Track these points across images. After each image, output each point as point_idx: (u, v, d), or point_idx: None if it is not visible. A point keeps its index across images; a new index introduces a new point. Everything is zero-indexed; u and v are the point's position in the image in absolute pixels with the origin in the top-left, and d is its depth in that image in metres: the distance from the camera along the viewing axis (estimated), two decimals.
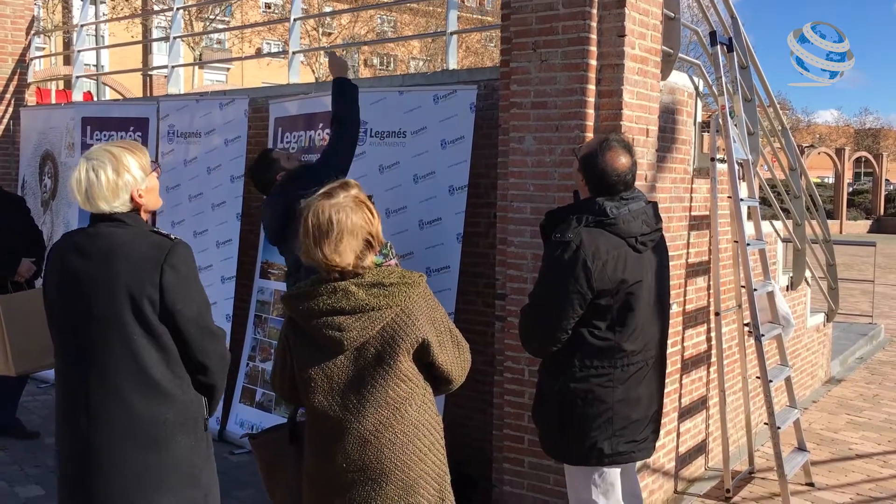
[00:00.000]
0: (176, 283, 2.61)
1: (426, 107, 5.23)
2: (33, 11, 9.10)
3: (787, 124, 7.20)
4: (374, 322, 2.52)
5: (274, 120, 6.19)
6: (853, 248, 17.24)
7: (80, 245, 2.67)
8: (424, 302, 2.62)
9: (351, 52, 39.18)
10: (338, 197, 2.56)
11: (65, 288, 2.67)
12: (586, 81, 4.31)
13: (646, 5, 4.48)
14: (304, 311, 2.56)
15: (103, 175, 2.61)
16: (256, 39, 42.49)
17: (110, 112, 7.36)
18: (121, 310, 2.57)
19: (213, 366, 2.75)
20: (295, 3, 6.78)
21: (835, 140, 58.70)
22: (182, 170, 6.57)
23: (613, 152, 3.35)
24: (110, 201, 2.63)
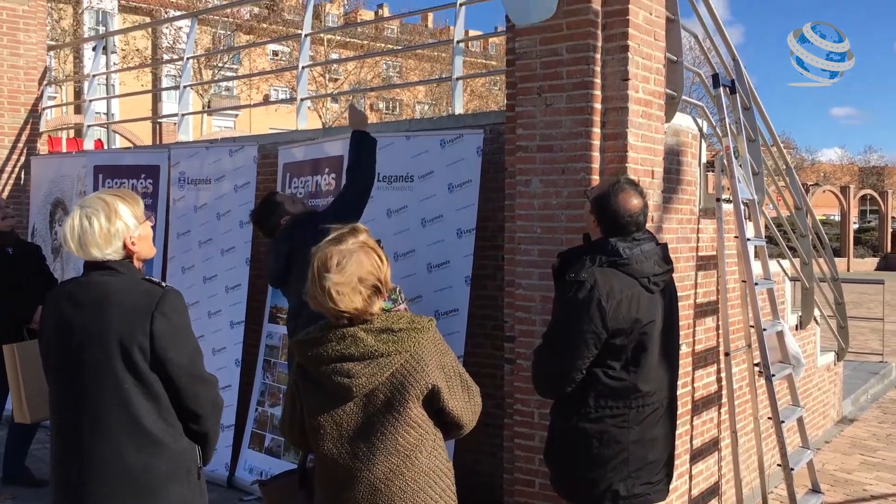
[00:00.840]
0: (167, 330, 2.63)
1: (433, 151, 5.29)
2: (45, 62, 9.27)
3: (791, 163, 7.23)
4: (383, 368, 2.52)
5: (283, 165, 6.27)
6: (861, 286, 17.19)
7: (73, 294, 2.71)
8: (434, 347, 2.62)
9: (357, 97, 39.66)
10: (346, 242, 2.58)
11: (58, 337, 2.70)
12: (591, 125, 4.36)
13: (648, 49, 4.55)
14: (313, 357, 2.56)
15: (96, 222, 2.65)
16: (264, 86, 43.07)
17: (122, 160, 7.47)
18: (112, 358, 2.59)
19: (206, 413, 2.75)
20: (303, 51, 6.90)
21: (839, 178, 58.78)
22: (192, 216, 6.64)
23: (625, 194, 3.38)
24: (103, 248, 2.67)
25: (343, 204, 4.46)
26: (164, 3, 35.32)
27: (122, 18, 38.27)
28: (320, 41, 34.77)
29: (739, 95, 5.93)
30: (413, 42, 42.49)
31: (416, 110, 43.78)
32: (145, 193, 6.98)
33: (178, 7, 33.45)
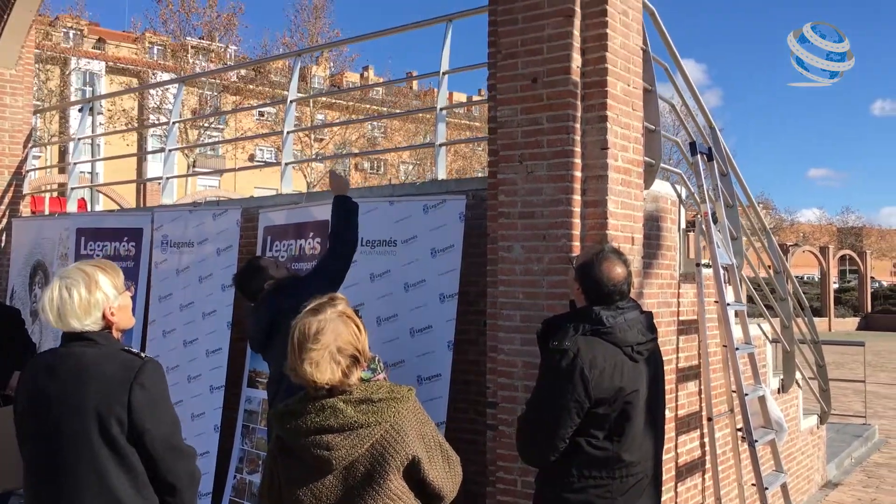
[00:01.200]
0: (145, 402, 2.61)
1: (416, 216, 5.34)
2: (31, 125, 9.32)
3: (770, 224, 7.35)
4: (363, 440, 2.50)
5: (263, 229, 6.29)
6: (843, 347, 17.27)
7: (51, 366, 2.70)
8: (414, 417, 2.60)
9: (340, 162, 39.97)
10: (324, 312, 2.58)
11: (35, 409, 2.68)
12: (572, 192, 4.43)
13: (627, 119, 4.65)
14: (292, 429, 2.54)
15: (76, 293, 2.66)
16: (250, 145, 43.37)
17: (105, 223, 7.47)
18: (89, 431, 2.57)
19: (183, 486, 2.72)
20: (288, 116, 6.99)
21: (818, 239, 59.49)
22: (174, 279, 6.62)
23: (609, 262, 3.41)
24: (82, 319, 2.67)
25: (326, 269, 4.47)
26: (152, 65, 35.71)
27: (110, 79, 38.65)
28: (306, 102, 35.22)
29: (717, 162, 6.05)
30: (398, 103, 43.05)
31: (400, 170, 44.14)
32: (128, 256, 6.97)
33: (165, 69, 33.82)
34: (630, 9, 4.71)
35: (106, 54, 41.20)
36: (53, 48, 32.48)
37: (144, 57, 38.99)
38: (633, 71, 4.75)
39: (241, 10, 32.39)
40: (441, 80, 6.07)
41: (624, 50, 4.64)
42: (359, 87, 31.19)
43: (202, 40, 33.44)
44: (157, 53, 38.16)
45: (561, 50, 4.45)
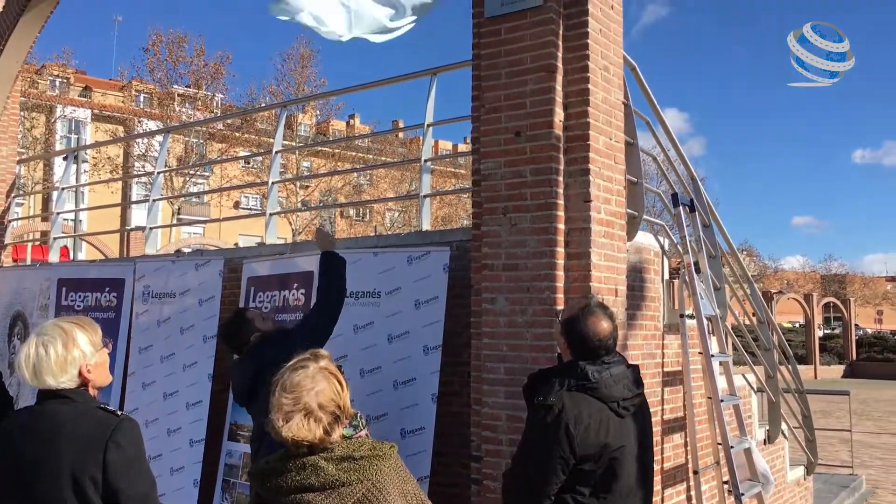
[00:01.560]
0: (120, 461, 2.56)
1: (400, 268, 5.33)
2: (14, 174, 9.30)
3: (754, 271, 7.40)
4: (344, 498, 2.46)
5: (247, 279, 6.26)
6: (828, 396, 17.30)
7: (25, 425, 2.65)
8: (396, 475, 2.57)
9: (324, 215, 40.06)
10: (307, 369, 2.56)
11: (8, 469, 2.62)
12: (555, 245, 4.45)
13: (609, 172, 4.69)
14: (273, 488, 2.50)
15: (52, 351, 2.63)
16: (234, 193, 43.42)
17: (86, 273, 7.41)
18: (62, 491, 2.51)
19: None
20: (273, 167, 7.01)
21: (802, 286, 59.93)
22: (155, 330, 6.56)
23: (595, 317, 3.41)
24: (57, 377, 2.63)
25: (313, 323, 4.45)
26: (138, 112, 35.88)
27: (95, 127, 38.73)
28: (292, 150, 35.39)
29: (699, 213, 6.10)
30: (384, 150, 43.33)
31: (385, 217, 44.27)
32: (109, 307, 6.90)
33: (151, 116, 34.00)
34: (611, 64, 4.79)
35: (92, 102, 41.37)
36: (39, 96, 32.60)
37: (131, 105, 39.19)
38: (615, 125, 4.81)
39: (229, 59, 32.75)
40: (426, 132, 6.12)
41: (605, 104, 4.70)
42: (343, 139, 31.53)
43: (189, 88, 33.67)
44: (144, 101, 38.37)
45: (543, 105, 4.50)
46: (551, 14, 4.52)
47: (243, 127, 34.23)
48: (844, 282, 65.14)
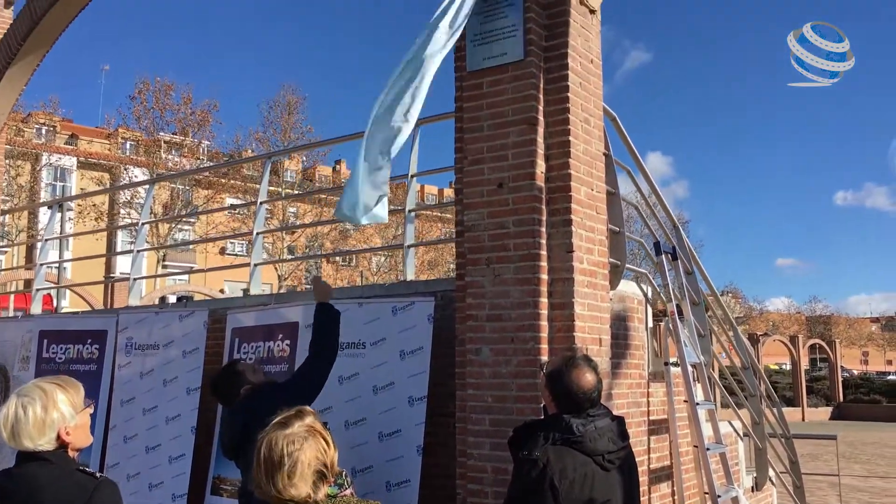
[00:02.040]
0: None
1: (385, 318, 5.33)
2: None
3: (740, 313, 7.45)
4: None
5: (231, 330, 6.22)
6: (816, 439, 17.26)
7: (5, 489, 2.62)
8: None
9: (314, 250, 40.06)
10: (292, 427, 2.55)
11: None
12: (539, 295, 4.46)
13: (591, 222, 4.74)
14: None
15: (31, 412, 2.61)
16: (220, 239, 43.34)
17: (68, 325, 7.34)
18: None
19: None
20: (258, 218, 7.03)
21: (788, 328, 60.17)
22: (137, 382, 6.49)
23: (579, 370, 3.41)
24: (35, 439, 2.60)
25: (304, 376, 4.40)
26: (124, 160, 35.95)
27: (81, 174, 38.73)
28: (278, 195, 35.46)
29: (681, 260, 6.16)
30: None
31: (372, 261, 44.24)
32: (91, 359, 6.84)
33: (137, 164, 34.05)
34: (591, 116, 4.87)
35: (78, 149, 41.42)
36: (25, 144, 32.59)
37: (117, 152, 39.25)
38: (596, 175, 4.87)
39: (216, 106, 32.91)
40: (410, 183, 6.17)
41: (587, 156, 4.77)
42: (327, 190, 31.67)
43: (175, 135, 33.79)
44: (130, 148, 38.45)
45: (525, 156, 4.56)
46: (532, 68, 4.60)
47: (230, 173, 34.31)
48: (829, 323, 65.46)
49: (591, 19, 4.99)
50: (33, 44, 8.47)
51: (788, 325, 63.72)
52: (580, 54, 4.80)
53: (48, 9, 7.98)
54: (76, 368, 6.85)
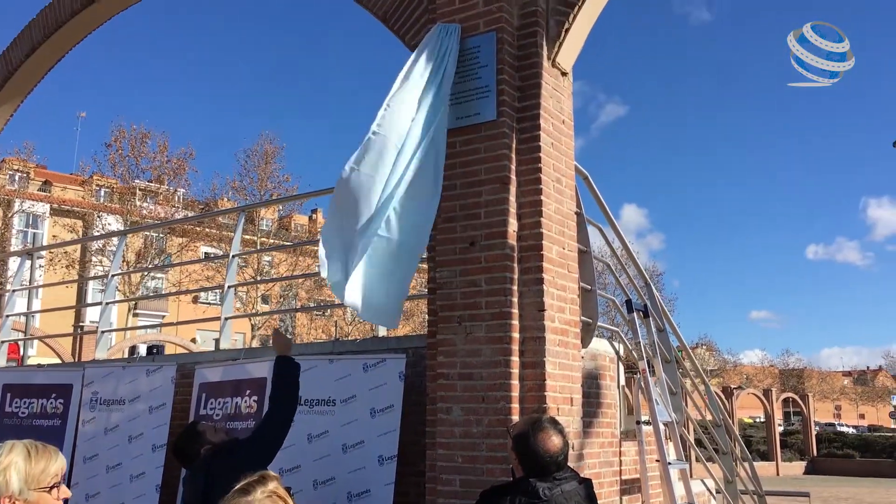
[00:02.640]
0: None
1: (356, 375, 5.28)
2: None
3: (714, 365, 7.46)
4: None
5: (198, 385, 6.13)
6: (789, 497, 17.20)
7: None
8: None
9: (288, 299, 39.76)
10: (254, 493, 2.50)
11: None
12: (510, 353, 4.45)
13: (563, 281, 4.75)
14: None
15: None
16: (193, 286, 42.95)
17: (33, 378, 7.18)
18: None
19: None
20: (230, 271, 6.97)
21: (761, 381, 60.35)
22: (102, 439, 6.34)
23: (545, 433, 3.39)
24: None
25: (264, 435, 4.35)
26: (98, 207, 35.67)
27: (53, 221, 38.36)
28: (253, 243, 35.30)
29: (653, 318, 6.18)
30: None
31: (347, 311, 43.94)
32: (55, 414, 6.68)
33: (111, 211, 33.78)
34: (563, 176, 4.92)
35: (51, 196, 41.11)
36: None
37: (91, 199, 38.97)
38: (568, 234, 4.91)
39: (192, 155, 32.83)
40: None
41: (558, 215, 4.80)
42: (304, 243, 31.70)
43: (151, 182, 33.63)
44: (104, 196, 38.21)
45: (498, 215, 4.59)
46: (505, 128, 4.66)
47: (204, 221, 34.13)
48: (802, 376, 65.80)
49: (563, 81, 5.08)
50: (8, 93, 8.46)
51: (762, 378, 63.97)
52: (552, 115, 4.87)
53: (24, 59, 7.99)
54: (39, 424, 6.70)
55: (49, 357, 28.66)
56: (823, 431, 47.95)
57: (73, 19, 7.67)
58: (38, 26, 7.94)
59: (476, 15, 4.83)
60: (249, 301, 34.10)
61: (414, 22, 5.36)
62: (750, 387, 47.95)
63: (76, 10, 7.57)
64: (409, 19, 5.39)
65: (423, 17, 5.28)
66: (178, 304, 43.27)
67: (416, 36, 5.33)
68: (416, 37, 5.31)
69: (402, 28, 5.42)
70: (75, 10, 7.58)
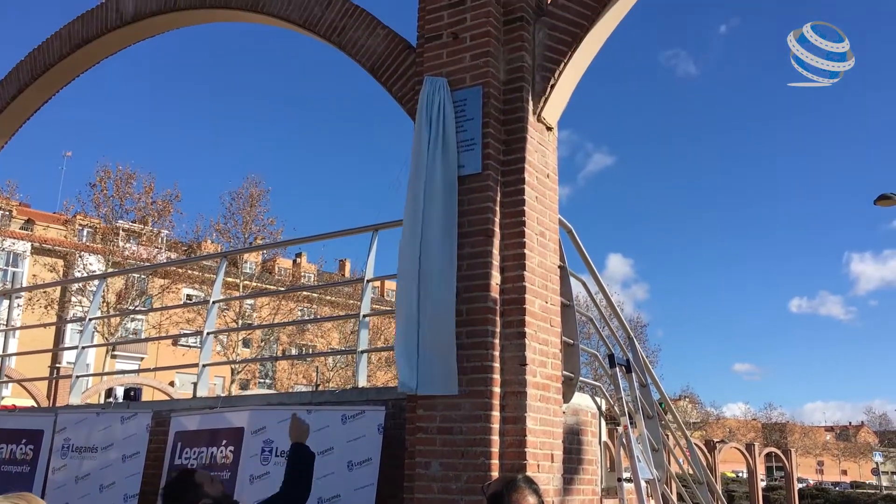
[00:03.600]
0: None
1: (334, 426, 5.19)
2: None
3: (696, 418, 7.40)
4: None
5: (174, 434, 6.00)
6: None
7: None
8: None
9: (270, 343, 39.38)
10: None
11: None
12: (491, 408, 4.40)
13: (545, 335, 4.72)
14: None
15: None
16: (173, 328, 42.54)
17: (3, 423, 7.00)
18: None
19: None
20: (209, 318, 6.88)
21: (744, 434, 60.13)
22: (72, 487, 6.18)
23: (520, 494, 3.32)
24: None
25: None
26: (80, 246, 35.37)
27: (34, 260, 38.04)
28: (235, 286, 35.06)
29: (635, 373, 6.14)
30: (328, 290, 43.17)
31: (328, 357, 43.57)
32: (24, 460, 6.52)
33: (93, 251, 33.52)
34: (547, 229, 4.92)
35: (33, 235, 40.82)
36: None
37: (73, 239, 38.70)
38: (551, 288, 4.89)
39: (178, 197, 32.70)
40: (365, 288, 6.13)
41: (541, 268, 4.79)
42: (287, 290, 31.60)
43: (134, 223, 33.46)
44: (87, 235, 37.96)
45: (480, 268, 4.58)
46: (489, 181, 4.67)
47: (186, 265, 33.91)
48: (785, 431, 65.63)
49: (547, 136, 5.11)
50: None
51: (745, 431, 63.75)
52: (537, 169, 4.89)
53: (10, 101, 7.98)
54: (7, 470, 6.53)
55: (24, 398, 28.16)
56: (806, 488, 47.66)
57: (62, 62, 7.69)
58: (25, 68, 7.95)
59: (463, 69, 4.87)
60: (230, 344, 33.74)
61: (401, 74, 5.40)
62: (733, 440, 47.70)
63: (65, 54, 7.59)
64: (397, 71, 5.43)
65: (410, 70, 5.33)
66: (157, 346, 42.76)
67: (402, 87, 5.37)
68: (403, 88, 5.36)
69: (390, 80, 5.46)
70: (64, 54, 7.60)
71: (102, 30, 7.38)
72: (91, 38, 7.47)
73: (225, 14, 6.73)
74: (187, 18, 7.10)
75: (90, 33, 7.47)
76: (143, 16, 7.07)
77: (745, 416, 70.41)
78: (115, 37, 7.44)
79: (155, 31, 7.37)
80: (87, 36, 7.49)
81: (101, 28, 7.40)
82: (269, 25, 6.53)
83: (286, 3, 6.10)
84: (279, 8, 6.14)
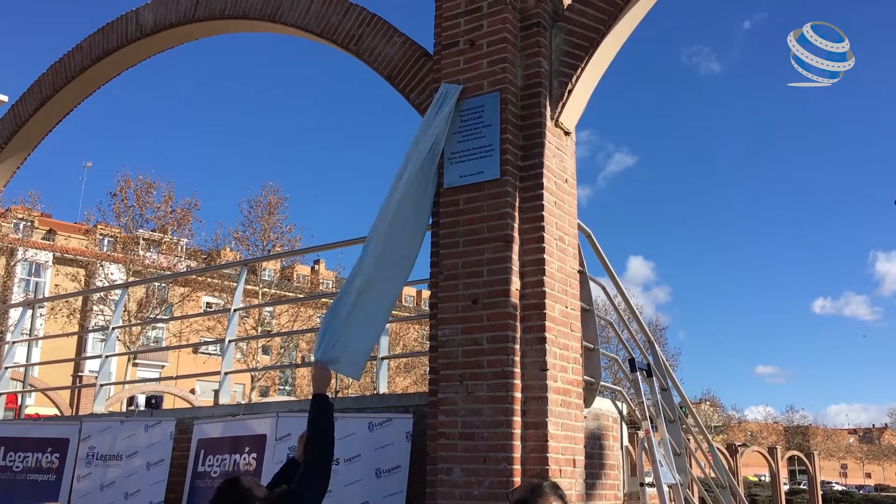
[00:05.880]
0: None
1: (360, 434, 5.20)
2: None
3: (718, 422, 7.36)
4: None
5: (196, 441, 6.04)
6: None
7: None
8: None
9: (289, 350, 39.55)
10: None
11: None
12: (512, 413, 4.40)
13: (566, 340, 4.72)
14: None
15: None
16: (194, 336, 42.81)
17: (29, 432, 7.09)
18: None
19: None
20: (230, 326, 6.94)
21: (766, 438, 59.61)
22: (97, 495, 6.23)
23: (545, 500, 3.31)
24: None
25: (311, 480, 4.12)
26: (101, 256, 35.69)
27: (56, 270, 38.43)
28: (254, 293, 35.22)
29: (656, 377, 6.12)
30: None
31: None
32: (50, 469, 6.58)
33: (114, 260, 33.81)
34: (566, 234, 4.93)
35: (55, 245, 41.24)
36: (1, 239, 32.40)
37: (94, 248, 39.05)
38: (571, 293, 4.89)
39: (197, 205, 32.93)
40: None
41: (561, 273, 4.80)
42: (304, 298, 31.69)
43: (154, 232, 33.72)
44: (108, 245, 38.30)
45: (500, 273, 4.58)
46: (508, 187, 4.68)
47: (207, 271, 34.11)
48: (807, 434, 65.01)
49: (565, 140, 5.12)
50: (15, 146, 8.54)
51: (767, 434, 63.20)
52: (555, 174, 4.90)
53: (32, 113, 8.09)
54: (34, 478, 6.60)
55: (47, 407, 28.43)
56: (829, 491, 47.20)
57: (83, 74, 7.79)
58: (47, 81, 8.06)
59: (480, 75, 4.89)
60: (250, 352, 33.90)
61: (419, 82, 5.43)
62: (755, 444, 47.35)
63: (86, 66, 7.69)
64: (414, 79, 5.46)
65: (427, 77, 5.36)
66: (178, 354, 43.05)
67: (420, 94, 5.39)
68: (421, 96, 5.38)
69: (407, 87, 5.49)
70: (85, 66, 7.69)
71: (122, 42, 7.48)
72: (112, 50, 7.57)
73: (243, 24, 6.79)
74: (206, 29, 7.17)
75: (111, 45, 7.57)
76: (163, 27, 7.16)
77: (766, 420, 69.81)
78: (136, 48, 7.54)
79: (174, 42, 7.46)
80: (108, 48, 7.59)
81: (121, 40, 7.49)
82: (288, 35, 6.59)
83: (303, 12, 6.15)
84: (297, 18, 6.19)
